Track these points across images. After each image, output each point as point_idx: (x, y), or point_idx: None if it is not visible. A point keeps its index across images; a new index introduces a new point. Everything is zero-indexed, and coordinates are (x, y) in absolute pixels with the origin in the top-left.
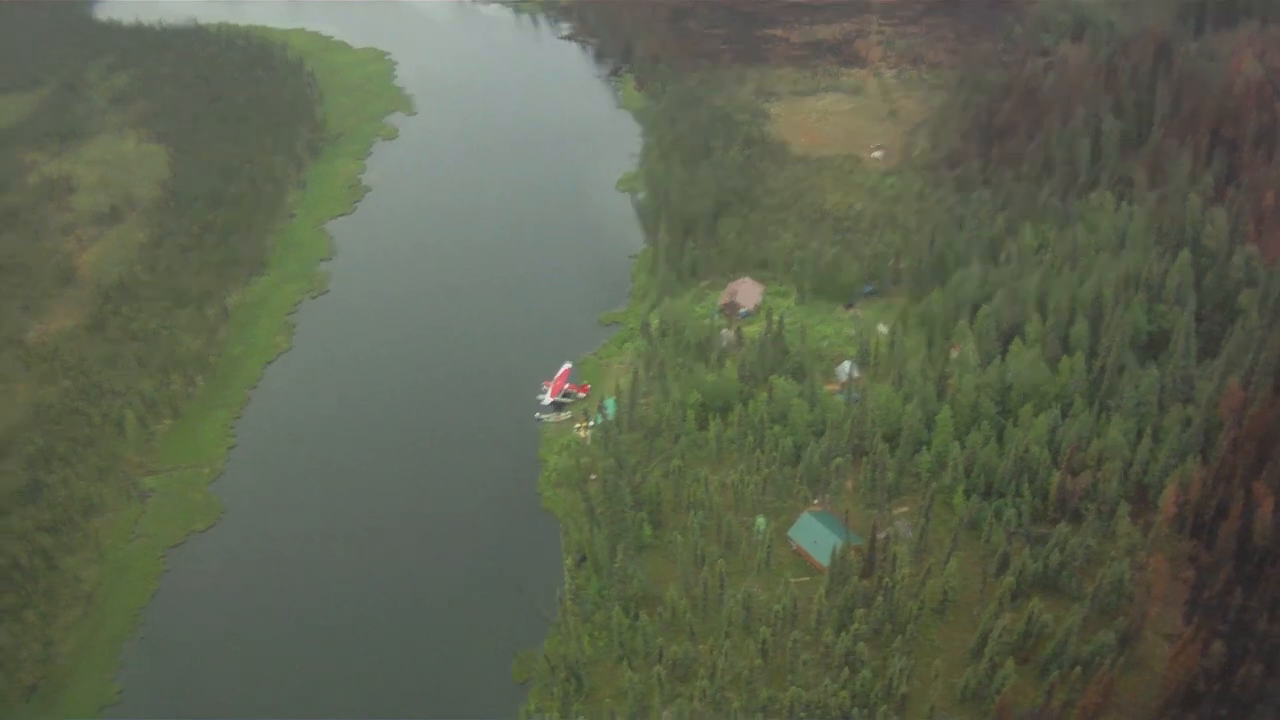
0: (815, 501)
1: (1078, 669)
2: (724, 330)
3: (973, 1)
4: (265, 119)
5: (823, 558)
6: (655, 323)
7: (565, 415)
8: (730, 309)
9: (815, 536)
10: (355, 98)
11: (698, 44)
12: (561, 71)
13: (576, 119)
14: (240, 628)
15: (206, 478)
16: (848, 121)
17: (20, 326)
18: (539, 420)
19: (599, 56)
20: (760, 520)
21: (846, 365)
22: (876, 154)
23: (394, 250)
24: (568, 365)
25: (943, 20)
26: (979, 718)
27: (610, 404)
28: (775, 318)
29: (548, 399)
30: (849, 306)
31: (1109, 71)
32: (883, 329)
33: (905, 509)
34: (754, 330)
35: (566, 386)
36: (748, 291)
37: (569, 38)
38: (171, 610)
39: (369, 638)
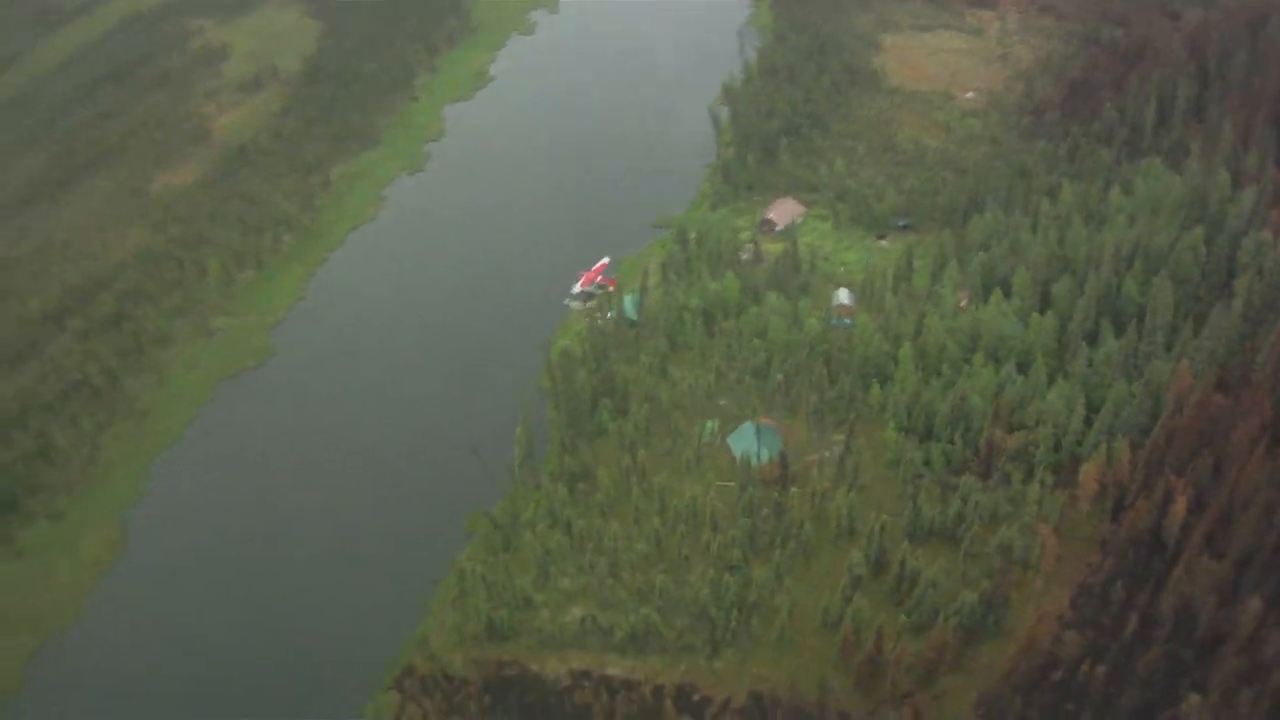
0: (766, 416)
1: (904, 618)
2: (747, 244)
3: None
4: (415, 5)
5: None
6: (693, 231)
7: (590, 305)
8: (766, 225)
9: (748, 445)
10: None
11: None
12: None
13: (705, 31)
14: (259, 450)
15: (269, 324)
16: (956, 60)
17: (148, 178)
18: (566, 307)
19: None
20: (711, 424)
21: (842, 292)
22: (970, 95)
23: (495, 136)
24: (605, 260)
25: None
26: (829, 644)
27: (630, 301)
28: (795, 238)
29: (578, 288)
30: (880, 237)
31: (1201, 37)
32: None
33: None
34: (779, 248)
35: (599, 279)
36: (786, 210)
37: None
38: (206, 432)
39: (360, 479)
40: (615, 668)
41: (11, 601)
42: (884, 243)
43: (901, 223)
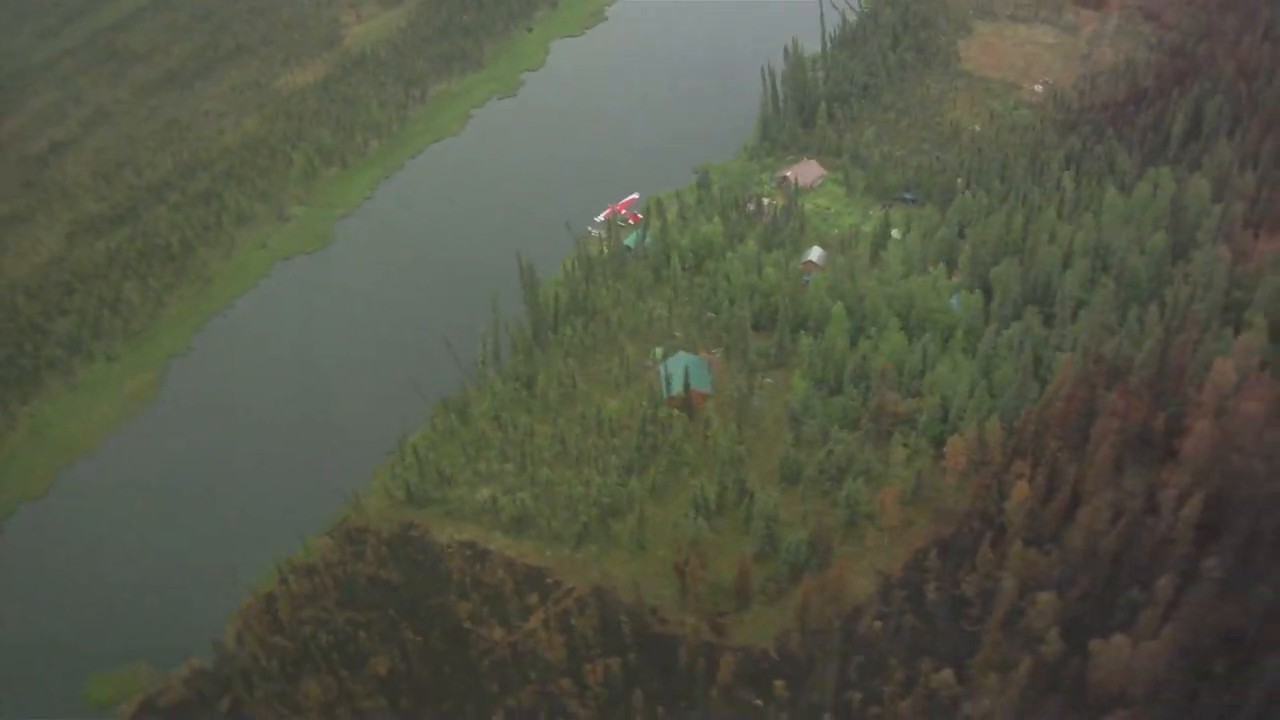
0: (708, 350)
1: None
2: (753, 196)
3: None
4: None
5: (669, 392)
6: (715, 179)
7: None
8: (784, 182)
9: (675, 373)
10: None
11: None
12: None
13: None
14: (292, 323)
15: (336, 216)
16: (1039, 54)
17: (275, 75)
18: (587, 232)
19: None
20: (658, 351)
21: (815, 250)
22: (1038, 88)
23: (589, 71)
24: (635, 195)
25: None
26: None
27: (634, 235)
28: (794, 196)
29: (602, 217)
30: (886, 207)
31: (1250, 58)
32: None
33: (770, 380)
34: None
35: (623, 211)
36: (807, 171)
37: None
38: (255, 302)
39: (364, 361)
40: (495, 544)
41: (58, 426)
42: (887, 212)
43: (909, 195)
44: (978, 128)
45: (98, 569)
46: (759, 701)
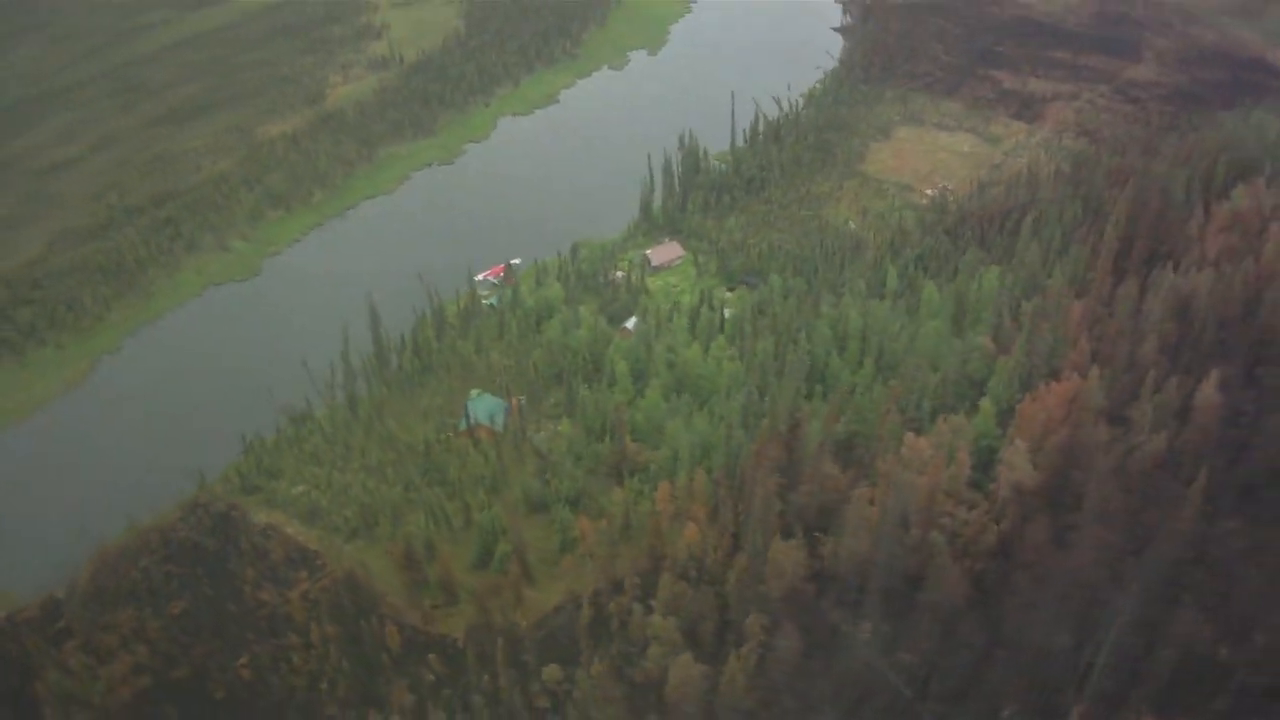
0: (514, 396)
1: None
2: (604, 270)
3: (1215, 99)
4: (548, 26)
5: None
6: (583, 251)
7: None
8: (645, 260)
9: (474, 411)
10: (626, 31)
11: (915, 64)
12: (806, 52)
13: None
14: (208, 335)
15: (267, 253)
16: (948, 160)
17: (258, 123)
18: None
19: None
20: (474, 391)
21: (632, 320)
22: (930, 191)
23: (526, 148)
24: (517, 260)
25: (1166, 109)
26: None
27: (496, 296)
28: (636, 271)
29: (480, 277)
30: (730, 289)
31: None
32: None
33: (552, 424)
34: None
35: (501, 274)
36: (666, 251)
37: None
38: (182, 317)
39: (252, 374)
40: (291, 529)
41: (3, 396)
42: (730, 294)
43: (749, 279)
44: (853, 225)
45: (13, 512)
46: (432, 676)
